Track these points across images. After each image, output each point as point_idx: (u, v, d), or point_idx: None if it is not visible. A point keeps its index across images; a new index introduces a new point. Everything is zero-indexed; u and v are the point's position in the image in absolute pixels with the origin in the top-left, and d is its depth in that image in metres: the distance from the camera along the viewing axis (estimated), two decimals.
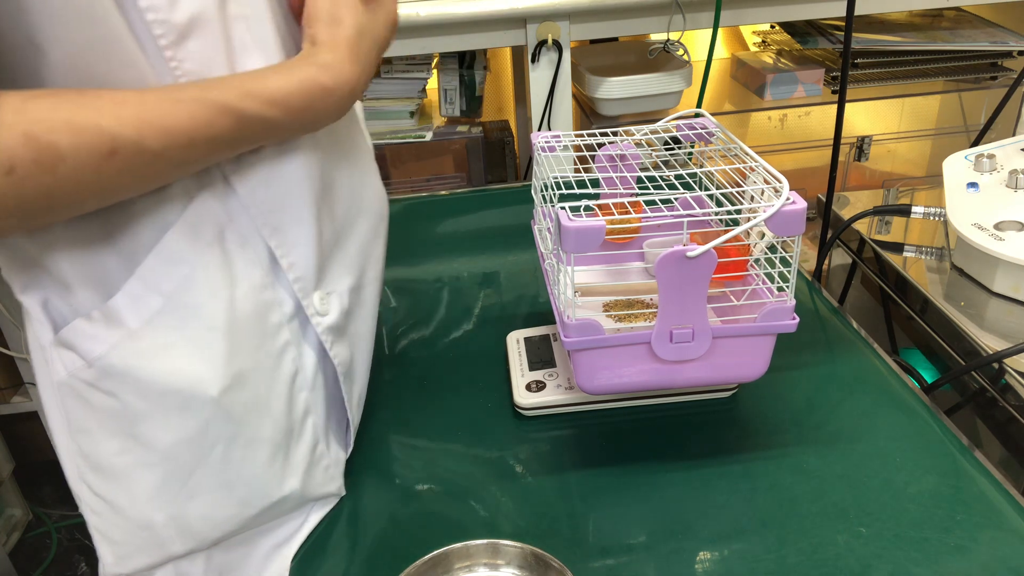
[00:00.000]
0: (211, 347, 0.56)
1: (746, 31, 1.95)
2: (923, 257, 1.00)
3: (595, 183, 0.75)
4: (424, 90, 1.59)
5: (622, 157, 0.80)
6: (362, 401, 0.73)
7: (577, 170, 0.72)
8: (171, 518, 0.58)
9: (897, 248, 1.02)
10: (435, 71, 1.58)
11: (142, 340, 0.53)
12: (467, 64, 1.58)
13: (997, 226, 0.88)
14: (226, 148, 0.52)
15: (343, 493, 0.69)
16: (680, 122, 0.79)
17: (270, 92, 0.52)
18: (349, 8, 0.57)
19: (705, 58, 1.50)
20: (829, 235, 1.07)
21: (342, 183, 0.66)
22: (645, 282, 0.81)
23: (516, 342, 0.82)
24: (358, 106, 0.73)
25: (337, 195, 0.65)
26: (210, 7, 0.52)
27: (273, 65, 0.54)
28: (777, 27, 1.82)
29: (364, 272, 0.70)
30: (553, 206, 0.64)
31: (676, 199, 0.78)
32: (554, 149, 0.77)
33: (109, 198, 0.48)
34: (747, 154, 0.68)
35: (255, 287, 0.58)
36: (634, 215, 0.66)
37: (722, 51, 1.95)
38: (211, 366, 0.56)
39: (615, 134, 0.80)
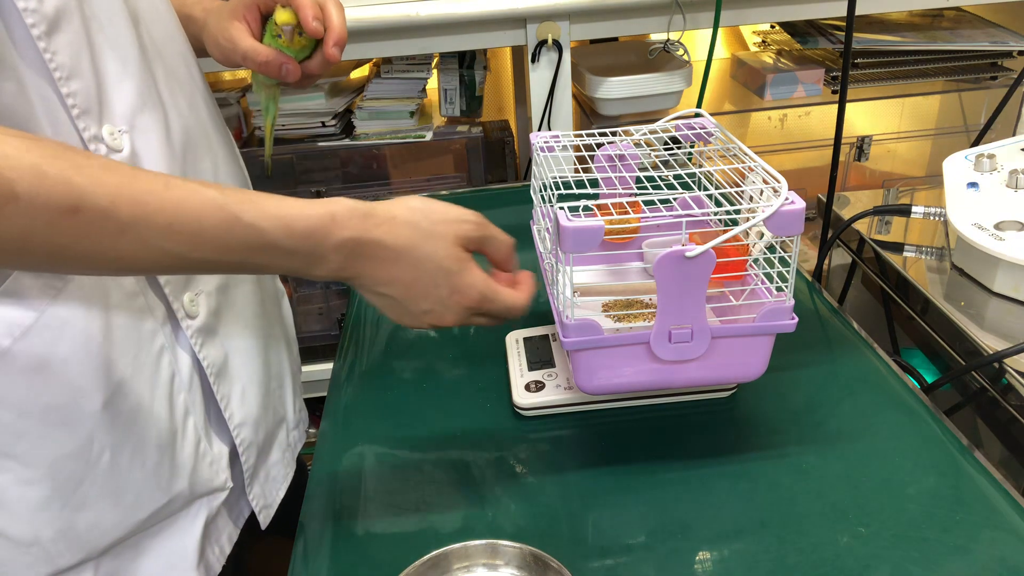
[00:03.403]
0: (89, 360, 0.54)
1: (746, 31, 1.95)
2: (923, 257, 1.00)
3: (594, 183, 0.75)
4: (424, 90, 1.58)
5: (621, 157, 0.80)
6: (263, 394, 0.72)
7: (576, 170, 0.72)
8: (59, 532, 0.56)
9: (897, 248, 1.02)
10: (435, 71, 1.58)
11: (16, 359, 0.51)
12: (467, 64, 1.58)
13: (997, 226, 0.88)
14: (212, 250, 0.50)
15: (230, 485, 0.68)
16: (679, 122, 0.79)
17: (274, 206, 0.51)
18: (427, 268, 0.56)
19: (705, 58, 1.50)
20: (829, 235, 1.07)
21: (204, 168, 0.66)
22: (644, 282, 0.81)
23: (515, 342, 0.82)
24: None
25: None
26: (71, 2, 0.52)
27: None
28: (777, 27, 1.81)
29: None
30: (552, 206, 0.64)
31: (675, 199, 0.78)
32: (553, 149, 0.77)
33: (58, 260, 0.47)
34: (746, 154, 0.68)
35: (127, 295, 0.57)
36: (633, 215, 0.66)
37: (722, 51, 1.95)
38: (91, 379, 0.54)
39: (614, 134, 0.80)
